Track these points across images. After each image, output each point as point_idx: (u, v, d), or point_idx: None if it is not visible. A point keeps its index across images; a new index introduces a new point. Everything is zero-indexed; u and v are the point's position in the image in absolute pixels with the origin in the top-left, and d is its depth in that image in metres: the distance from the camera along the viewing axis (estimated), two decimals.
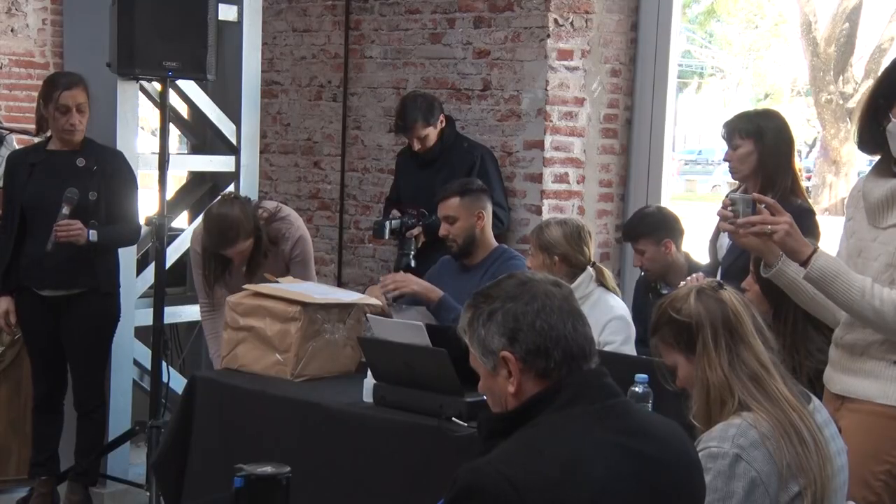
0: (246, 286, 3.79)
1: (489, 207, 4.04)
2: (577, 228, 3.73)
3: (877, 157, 2.69)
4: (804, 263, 2.54)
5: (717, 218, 3.72)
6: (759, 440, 2.12)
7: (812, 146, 22.11)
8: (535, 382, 1.81)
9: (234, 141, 4.92)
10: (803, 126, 22.13)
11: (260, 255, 4.03)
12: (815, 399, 2.32)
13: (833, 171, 17.18)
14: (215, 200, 4.13)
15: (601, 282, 3.73)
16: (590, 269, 3.72)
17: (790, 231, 2.55)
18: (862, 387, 2.62)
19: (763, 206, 2.62)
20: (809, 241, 2.66)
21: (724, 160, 3.62)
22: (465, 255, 3.98)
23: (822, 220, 3.63)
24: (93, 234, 3.99)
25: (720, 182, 21.80)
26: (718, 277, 3.51)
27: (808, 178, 18.37)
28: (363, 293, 4.07)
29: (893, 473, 2.55)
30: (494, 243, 4.06)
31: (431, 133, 4.84)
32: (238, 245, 3.94)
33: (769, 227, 2.56)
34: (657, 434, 1.83)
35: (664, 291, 3.98)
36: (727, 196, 2.73)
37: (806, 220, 3.33)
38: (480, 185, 4.06)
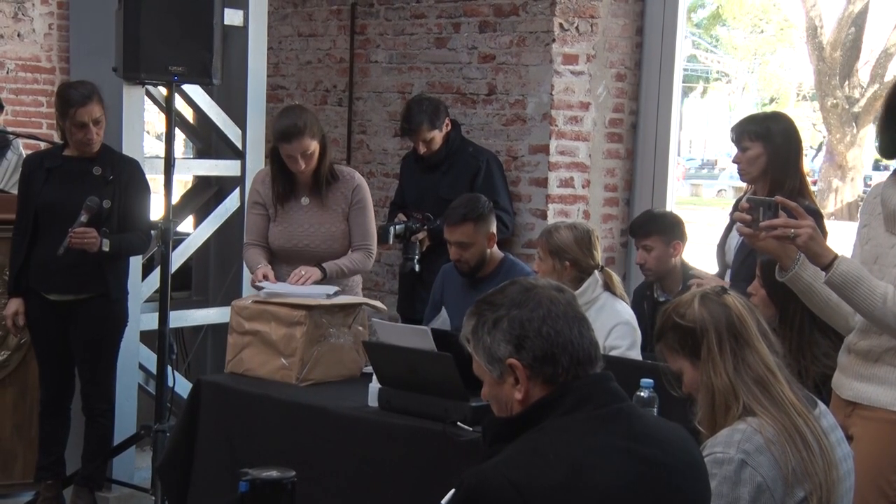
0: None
1: (496, 223, 4.05)
2: (587, 233, 3.73)
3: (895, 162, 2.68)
4: (826, 268, 2.52)
5: (725, 223, 3.76)
6: (765, 445, 2.12)
7: (818, 151, 22.09)
8: (542, 388, 1.81)
9: (239, 145, 4.93)
10: (809, 130, 22.11)
11: (322, 177, 3.96)
12: (820, 404, 2.31)
13: (839, 175, 17.17)
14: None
15: (608, 287, 3.73)
16: (597, 274, 3.72)
17: (813, 235, 2.53)
18: (875, 393, 2.61)
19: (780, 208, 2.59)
20: None
21: (733, 162, 3.63)
22: (475, 272, 4.00)
23: (828, 224, 3.63)
24: (105, 244, 4.00)
25: (726, 187, 21.79)
26: (727, 279, 3.52)
27: (814, 183, 18.38)
28: (370, 298, 4.08)
29: None
30: (500, 254, 4.07)
31: (437, 137, 4.84)
32: (305, 139, 3.86)
33: (792, 230, 2.53)
34: (662, 438, 1.83)
35: (661, 300, 3.98)
36: (745, 199, 2.71)
37: (814, 222, 3.33)
38: (488, 205, 4.04)
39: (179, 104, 4.74)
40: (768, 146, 3.47)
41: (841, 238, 2.97)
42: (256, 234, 4.10)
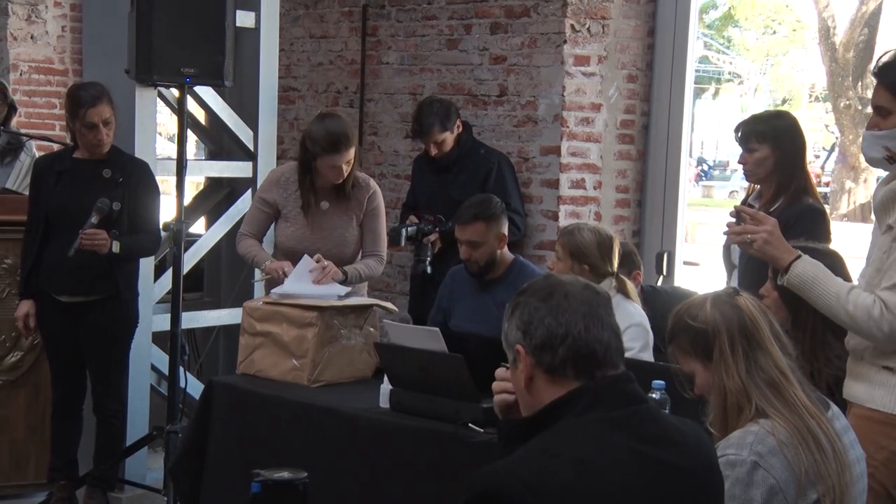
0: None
1: (507, 224, 4.03)
2: (609, 239, 3.72)
3: None
4: (785, 270, 2.60)
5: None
6: (777, 447, 2.11)
7: (830, 152, 22.01)
8: (545, 379, 1.82)
9: (251, 147, 4.94)
10: (822, 132, 22.04)
11: (348, 182, 3.98)
12: (833, 406, 2.31)
13: (851, 177, 17.09)
14: (317, 115, 4.15)
15: (622, 292, 3.72)
16: (611, 280, 3.71)
17: (769, 239, 2.62)
18: (856, 390, 2.65)
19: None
20: (805, 244, 2.70)
21: (739, 163, 3.62)
22: (484, 273, 3.99)
23: (840, 226, 3.64)
24: (115, 245, 4.01)
25: (738, 188, 21.72)
26: (735, 279, 3.51)
27: (827, 185, 18.29)
28: (381, 299, 4.08)
29: (876, 477, 2.55)
30: (510, 256, 4.05)
31: (448, 138, 4.85)
32: (351, 149, 3.91)
33: (749, 235, 2.63)
34: (680, 441, 1.82)
35: None
36: (734, 208, 2.80)
37: (816, 220, 3.34)
38: (501, 206, 4.02)
39: (191, 106, 4.76)
40: (776, 147, 3.46)
41: (854, 239, 2.98)
42: (255, 227, 4.13)
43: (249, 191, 4.91)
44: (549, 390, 1.82)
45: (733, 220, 2.75)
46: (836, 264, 2.78)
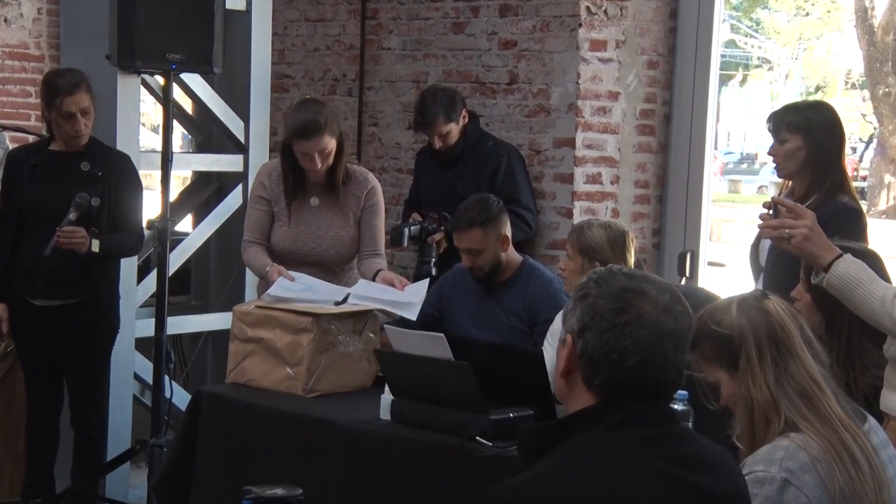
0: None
1: (509, 224, 4.02)
2: (622, 234, 3.71)
3: None
4: (825, 269, 2.58)
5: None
6: (810, 463, 2.11)
7: (868, 143, 21.97)
8: (582, 384, 1.80)
9: (241, 139, 4.95)
10: (858, 121, 22.00)
11: (337, 178, 3.98)
12: (870, 419, 2.30)
13: (891, 170, 17.06)
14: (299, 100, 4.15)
15: None
16: None
17: (808, 235, 2.60)
18: (893, 401, 2.63)
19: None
20: (839, 242, 2.69)
21: (769, 154, 3.62)
22: (491, 278, 3.99)
23: (879, 223, 3.64)
24: (94, 244, 4.02)
25: (766, 182, 21.71)
26: (761, 281, 3.52)
27: (864, 178, 18.27)
28: None
29: None
30: (519, 258, 4.05)
31: (453, 130, 4.85)
32: (325, 136, 3.88)
33: (787, 231, 2.60)
34: (710, 465, 1.82)
35: None
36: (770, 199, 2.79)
37: (851, 220, 3.34)
38: (498, 205, 4.01)
39: (178, 94, 4.77)
40: (809, 140, 3.46)
41: (894, 237, 2.97)
42: (258, 231, 4.11)
43: (240, 186, 4.92)
44: (583, 393, 1.81)
45: (768, 212, 2.72)
46: (874, 265, 2.78)
